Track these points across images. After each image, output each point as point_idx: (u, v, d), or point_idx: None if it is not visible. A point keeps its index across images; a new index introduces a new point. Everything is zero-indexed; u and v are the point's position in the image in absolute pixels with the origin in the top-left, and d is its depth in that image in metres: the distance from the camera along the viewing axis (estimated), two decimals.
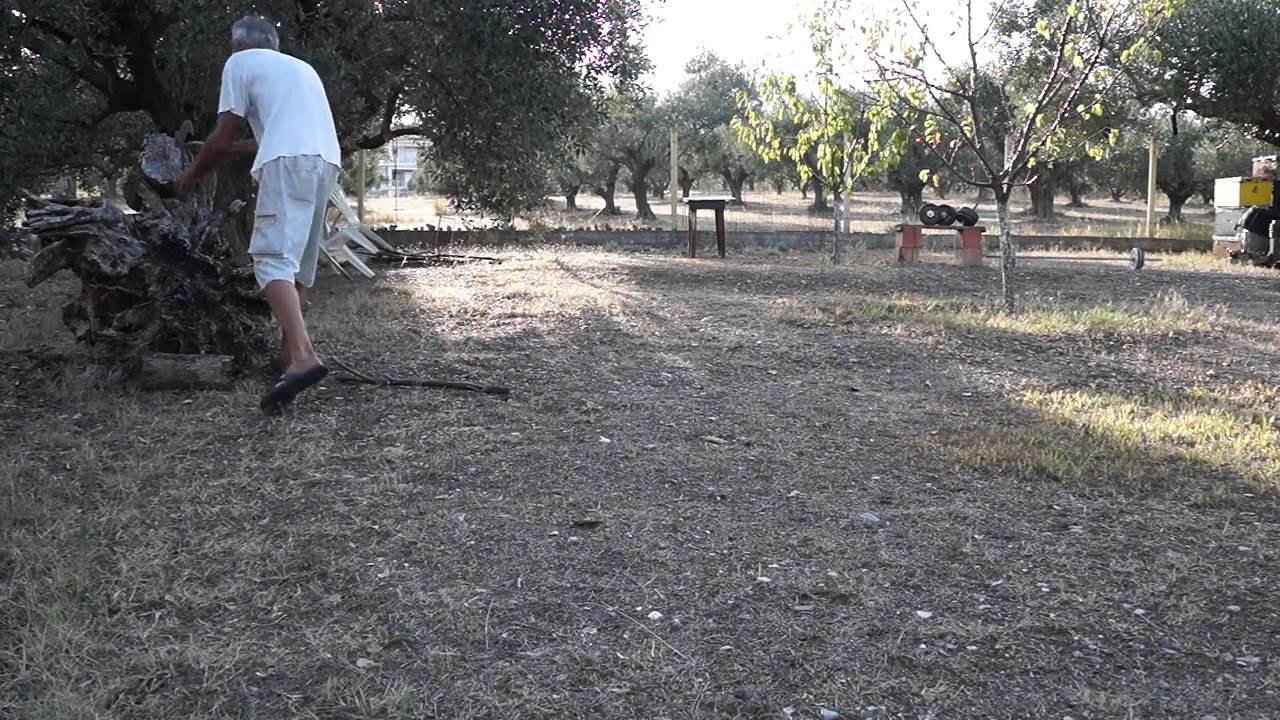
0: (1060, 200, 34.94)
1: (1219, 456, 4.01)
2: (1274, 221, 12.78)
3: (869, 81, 9.03)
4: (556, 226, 16.36)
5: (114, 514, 3.17)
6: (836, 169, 11.61)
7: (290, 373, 4.66)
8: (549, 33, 8.91)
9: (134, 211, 5.26)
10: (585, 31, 9.28)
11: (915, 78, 8.39)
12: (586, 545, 2.98)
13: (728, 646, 2.37)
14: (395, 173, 47.76)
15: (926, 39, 8.36)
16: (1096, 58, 8.04)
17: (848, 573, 2.79)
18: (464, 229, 14.36)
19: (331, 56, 7.39)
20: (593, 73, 10.43)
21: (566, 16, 8.93)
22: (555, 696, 2.14)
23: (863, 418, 4.62)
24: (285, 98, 4.81)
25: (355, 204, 17.74)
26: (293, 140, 4.79)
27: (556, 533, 3.09)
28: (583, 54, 9.82)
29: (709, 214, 13.74)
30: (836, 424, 4.50)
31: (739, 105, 11.61)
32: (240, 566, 2.78)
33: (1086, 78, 8.32)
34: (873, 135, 10.81)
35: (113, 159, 13.91)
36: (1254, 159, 15.20)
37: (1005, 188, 8.17)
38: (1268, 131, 14.97)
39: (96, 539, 2.96)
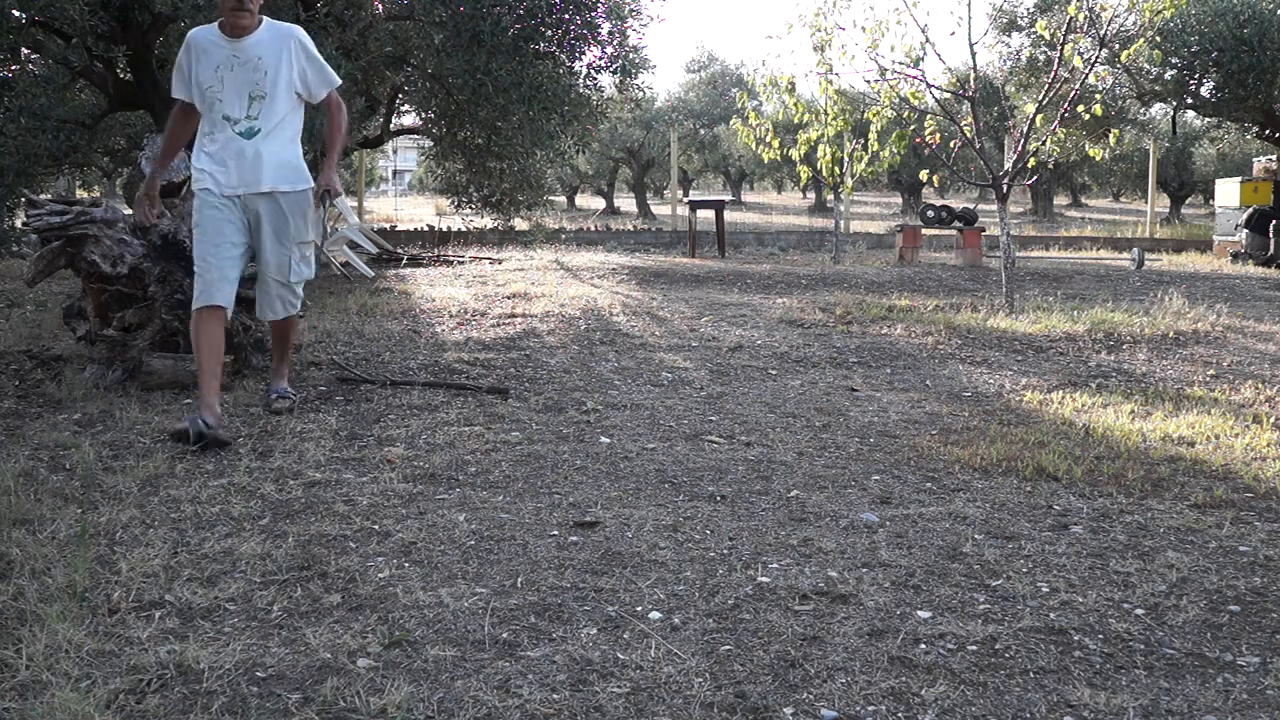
0: (1060, 200, 34.95)
1: (1219, 456, 4.01)
2: (1274, 221, 12.78)
3: (869, 81, 9.03)
4: (556, 226, 16.36)
5: (114, 514, 3.17)
6: (836, 169, 11.61)
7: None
8: (549, 33, 8.91)
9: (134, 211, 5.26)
10: (585, 31, 9.28)
11: (915, 78, 8.39)
12: (586, 545, 2.98)
13: (728, 646, 2.37)
14: (395, 173, 47.81)
15: (927, 39, 8.36)
16: (1096, 58, 8.04)
17: (848, 573, 2.79)
18: (464, 229, 14.36)
19: (331, 56, 7.39)
20: (593, 73, 10.43)
21: (566, 16, 8.93)
22: (555, 696, 2.14)
23: (863, 418, 4.62)
24: None
25: (355, 204, 17.73)
26: None
27: (556, 533, 3.09)
28: (583, 54, 9.82)
29: (709, 214, 13.74)
30: (836, 424, 4.50)
31: (739, 105, 11.60)
32: (240, 566, 2.78)
33: (1086, 78, 8.32)
34: (873, 135, 10.81)
35: (113, 159, 13.92)
36: (1254, 159, 15.22)
37: (1005, 188, 8.17)
38: (1268, 131, 14.96)
39: (96, 539, 2.96)
